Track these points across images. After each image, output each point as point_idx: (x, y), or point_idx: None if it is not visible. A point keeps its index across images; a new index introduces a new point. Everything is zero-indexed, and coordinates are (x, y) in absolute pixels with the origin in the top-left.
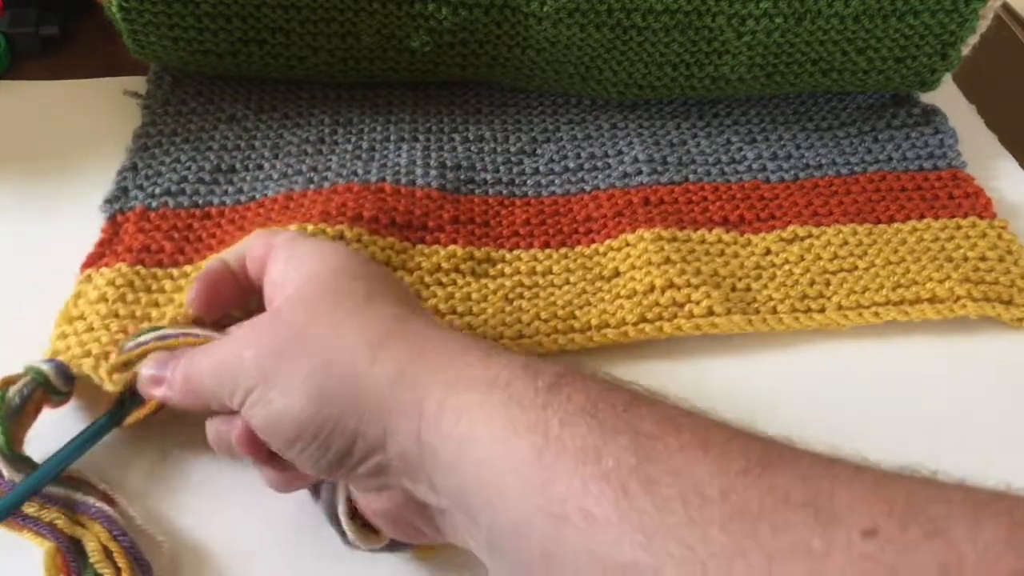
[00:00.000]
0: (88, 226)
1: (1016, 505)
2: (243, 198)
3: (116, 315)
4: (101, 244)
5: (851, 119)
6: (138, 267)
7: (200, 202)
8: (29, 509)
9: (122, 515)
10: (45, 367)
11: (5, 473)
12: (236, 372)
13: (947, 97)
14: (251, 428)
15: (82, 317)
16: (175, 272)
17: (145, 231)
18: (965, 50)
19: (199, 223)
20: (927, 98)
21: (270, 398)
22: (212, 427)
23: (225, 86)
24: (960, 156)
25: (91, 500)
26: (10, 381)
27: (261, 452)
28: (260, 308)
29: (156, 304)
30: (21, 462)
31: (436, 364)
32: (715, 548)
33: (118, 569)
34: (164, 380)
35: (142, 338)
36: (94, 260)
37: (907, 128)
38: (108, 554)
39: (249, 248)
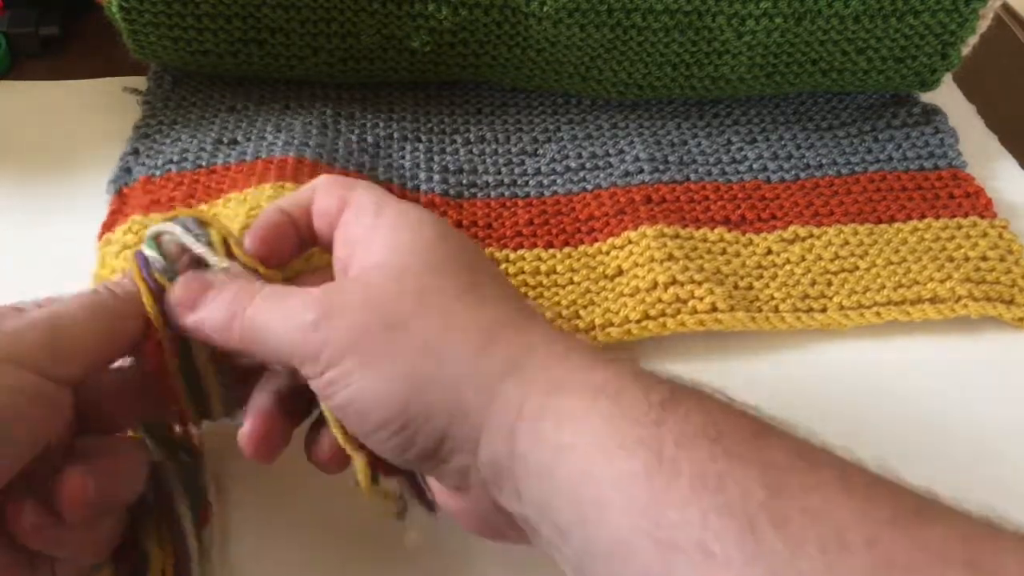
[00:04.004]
0: (88, 226)
1: None
2: (248, 158)
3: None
4: (112, 214)
5: (851, 119)
6: (151, 214)
7: (204, 164)
8: None
9: None
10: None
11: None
12: (320, 341)
13: (947, 97)
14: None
15: (113, 272)
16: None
17: (152, 192)
18: (965, 50)
19: (205, 178)
20: (927, 98)
21: (357, 379)
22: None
23: (225, 86)
24: (960, 156)
25: None
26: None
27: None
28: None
29: None
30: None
31: (544, 362)
32: None
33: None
34: (199, 305)
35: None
36: (108, 227)
37: (907, 128)
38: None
39: (316, 198)
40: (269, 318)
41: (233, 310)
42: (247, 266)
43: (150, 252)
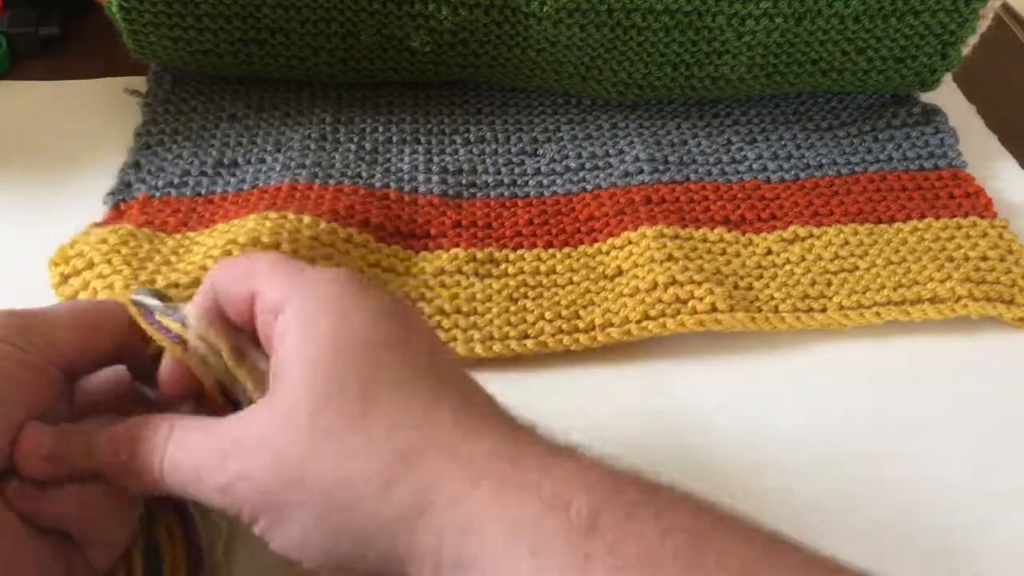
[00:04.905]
0: None
1: None
2: (246, 186)
3: (119, 252)
4: (105, 222)
5: (851, 119)
6: (143, 228)
7: (203, 192)
8: None
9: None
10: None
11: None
12: (234, 505)
13: (947, 97)
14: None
15: (80, 255)
16: (178, 236)
17: (149, 213)
18: (965, 50)
19: (202, 207)
20: (927, 98)
21: (277, 536)
22: None
23: (226, 86)
24: (960, 156)
25: None
26: None
27: None
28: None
29: (159, 252)
30: None
31: (453, 495)
32: None
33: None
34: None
35: (167, 321)
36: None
37: (907, 128)
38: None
39: (221, 288)
40: (198, 461)
41: (170, 453)
42: (210, 344)
43: (148, 300)
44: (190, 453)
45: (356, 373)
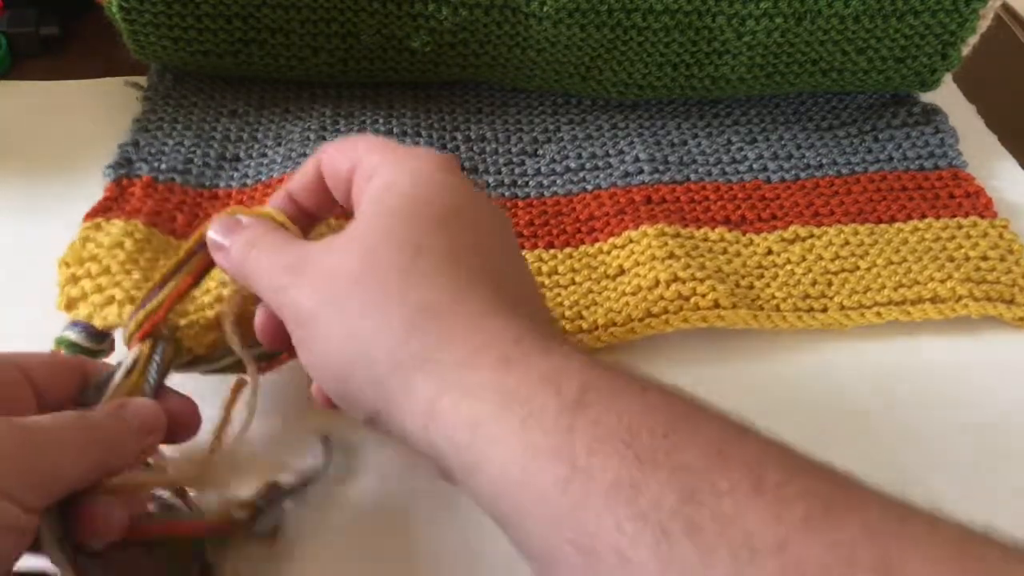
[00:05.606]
0: None
1: None
2: (249, 181)
3: (137, 263)
4: (107, 200)
5: (851, 119)
6: (154, 229)
7: (207, 183)
8: None
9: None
10: (72, 335)
11: None
12: (285, 305)
13: (947, 97)
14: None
15: (95, 259)
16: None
17: (154, 198)
18: (965, 50)
19: (207, 203)
20: (927, 98)
21: (306, 348)
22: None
23: (226, 85)
24: (960, 156)
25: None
26: None
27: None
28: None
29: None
30: None
31: (458, 358)
32: None
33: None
34: (224, 248)
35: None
36: (100, 212)
37: (907, 128)
38: None
39: (325, 166)
40: (263, 266)
41: (243, 253)
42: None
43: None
44: (266, 255)
45: (418, 231)
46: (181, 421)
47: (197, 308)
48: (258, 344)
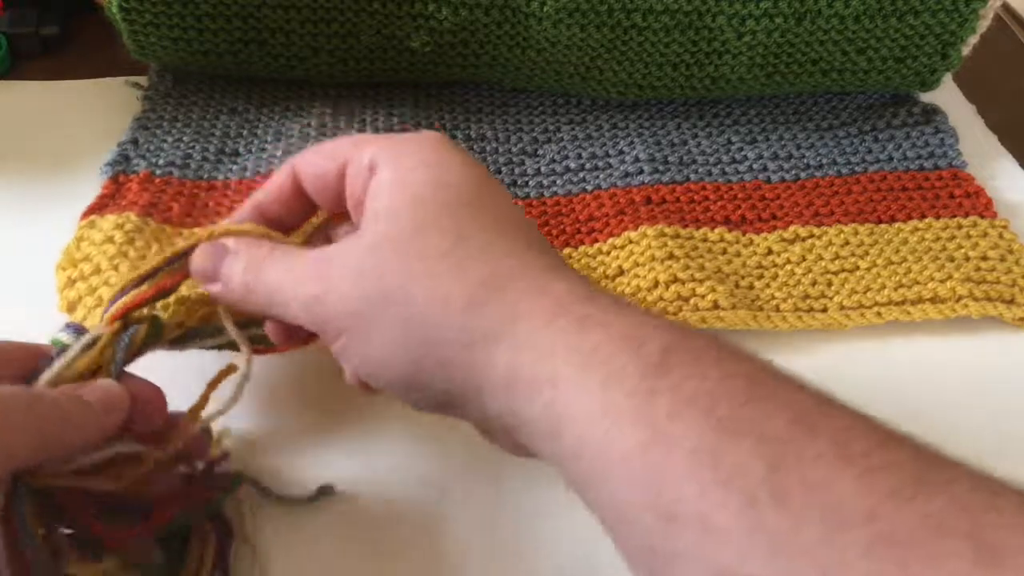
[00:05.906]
0: None
1: None
2: (248, 173)
3: (126, 256)
4: (103, 197)
5: (851, 119)
6: (147, 218)
7: (205, 176)
8: None
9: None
10: (64, 337)
11: None
12: (322, 317)
13: (947, 97)
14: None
15: (87, 259)
16: (185, 232)
17: (150, 191)
18: (965, 50)
19: (205, 193)
20: (927, 98)
21: (358, 350)
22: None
23: (226, 84)
24: (960, 156)
25: None
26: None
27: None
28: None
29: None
30: None
31: (531, 324)
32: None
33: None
34: (218, 281)
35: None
36: (96, 209)
37: (907, 128)
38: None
39: (303, 173)
40: (280, 285)
41: (246, 280)
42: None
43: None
44: (278, 274)
45: (451, 215)
46: (145, 408)
47: (191, 284)
48: (254, 324)
